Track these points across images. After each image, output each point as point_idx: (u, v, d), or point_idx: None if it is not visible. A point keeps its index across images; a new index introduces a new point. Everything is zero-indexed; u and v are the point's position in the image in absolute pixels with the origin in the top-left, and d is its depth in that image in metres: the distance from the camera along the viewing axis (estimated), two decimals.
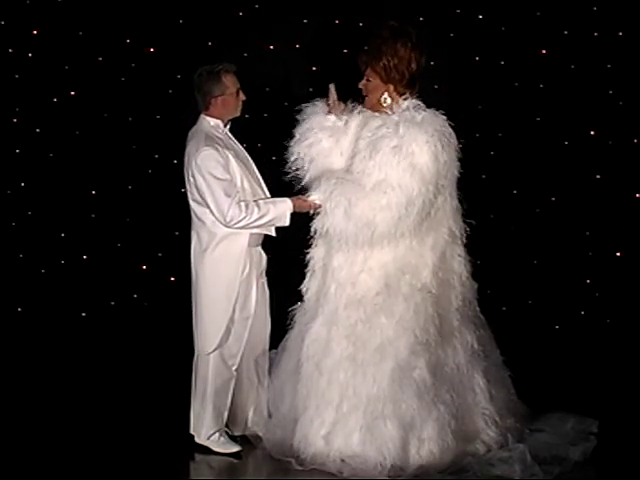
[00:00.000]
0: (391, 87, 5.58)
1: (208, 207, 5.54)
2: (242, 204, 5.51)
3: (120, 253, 7.97)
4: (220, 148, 5.56)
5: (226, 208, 5.48)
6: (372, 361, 5.49)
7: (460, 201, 5.68)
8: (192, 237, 5.73)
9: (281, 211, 5.57)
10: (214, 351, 5.65)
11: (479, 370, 5.71)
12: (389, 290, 5.51)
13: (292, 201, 5.59)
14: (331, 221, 5.51)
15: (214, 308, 5.65)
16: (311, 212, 5.63)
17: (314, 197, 5.57)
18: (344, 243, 5.53)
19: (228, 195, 5.49)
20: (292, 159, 5.78)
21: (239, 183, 5.57)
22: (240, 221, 5.50)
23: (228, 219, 5.49)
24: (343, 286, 5.57)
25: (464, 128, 5.71)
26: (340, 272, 5.58)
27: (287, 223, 5.60)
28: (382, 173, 5.44)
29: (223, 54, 6.65)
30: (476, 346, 5.72)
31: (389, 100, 5.58)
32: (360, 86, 5.64)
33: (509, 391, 5.91)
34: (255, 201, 5.56)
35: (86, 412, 6.34)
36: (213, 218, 5.55)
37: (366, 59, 5.58)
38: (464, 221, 5.72)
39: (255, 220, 5.52)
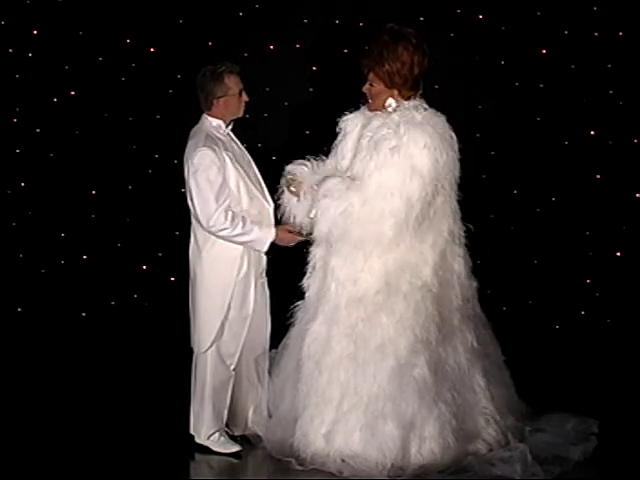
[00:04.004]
0: (395, 91, 5.56)
1: (193, 207, 5.54)
2: (229, 214, 5.52)
3: (120, 253, 7.97)
4: (218, 150, 5.56)
5: (212, 211, 5.48)
6: (372, 360, 5.49)
7: (458, 201, 5.68)
8: (190, 237, 5.74)
9: (263, 236, 5.58)
10: (208, 350, 5.66)
11: (479, 369, 5.71)
12: (389, 288, 5.51)
13: (277, 230, 5.61)
14: (333, 227, 5.51)
15: (208, 307, 5.65)
16: (291, 244, 5.67)
17: (314, 212, 5.58)
18: (347, 247, 5.53)
19: (217, 199, 5.49)
20: None
21: (233, 187, 5.57)
22: (221, 230, 5.51)
23: (211, 223, 5.50)
24: (344, 285, 5.57)
25: (464, 128, 5.71)
26: (341, 271, 5.58)
27: (264, 250, 5.63)
28: (382, 175, 5.43)
29: (223, 54, 6.63)
30: (476, 345, 5.72)
31: (394, 104, 5.56)
32: (364, 90, 5.61)
33: (509, 390, 5.92)
34: (243, 216, 5.56)
35: (86, 412, 6.34)
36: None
37: (368, 64, 5.55)
38: (463, 222, 5.73)
39: (235, 235, 5.53)
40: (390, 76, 5.51)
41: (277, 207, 5.73)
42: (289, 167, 5.77)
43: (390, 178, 5.42)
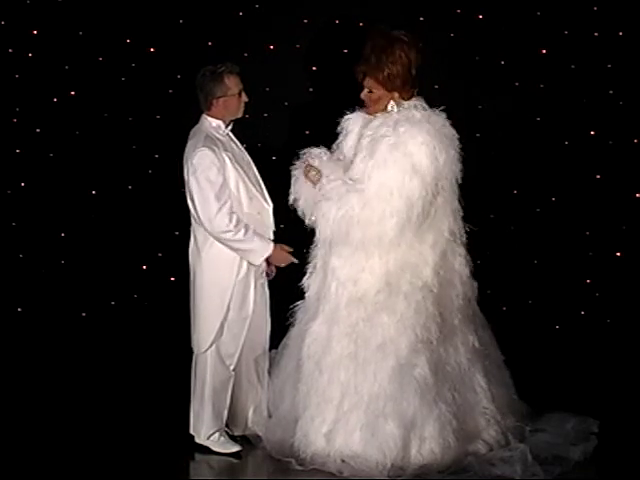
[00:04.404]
0: (395, 94, 5.56)
1: (194, 208, 5.54)
2: (234, 217, 5.52)
3: (120, 253, 7.96)
4: (217, 150, 5.55)
5: (214, 212, 5.48)
6: (373, 359, 5.49)
7: (458, 201, 5.68)
8: (190, 237, 5.74)
9: (261, 249, 5.59)
10: (207, 350, 5.66)
11: (480, 369, 5.72)
12: (390, 288, 5.52)
13: (274, 248, 5.61)
14: (334, 230, 5.51)
15: (208, 308, 5.66)
16: (282, 265, 5.69)
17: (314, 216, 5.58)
18: (349, 249, 5.54)
19: (218, 199, 5.49)
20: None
21: (233, 187, 5.57)
22: (224, 232, 5.50)
23: (214, 224, 5.49)
24: (344, 284, 5.57)
25: (464, 128, 5.70)
26: (342, 271, 5.58)
27: (257, 263, 5.62)
28: (381, 175, 5.43)
29: (223, 54, 6.63)
30: (477, 345, 5.73)
31: (396, 107, 5.56)
32: (362, 97, 5.60)
33: (509, 390, 5.93)
34: (246, 224, 5.56)
35: (86, 412, 6.34)
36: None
37: (366, 70, 5.52)
38: (463, 221, 5.73)
39: (237, 240, 5.53)
40: (391, 80, 5.50)
41: (277, 203, 5.73)
42: (307, 153, 5.72)
43: (390, 177, 5.42)
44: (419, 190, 5.41)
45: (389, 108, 5.56)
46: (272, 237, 5.73)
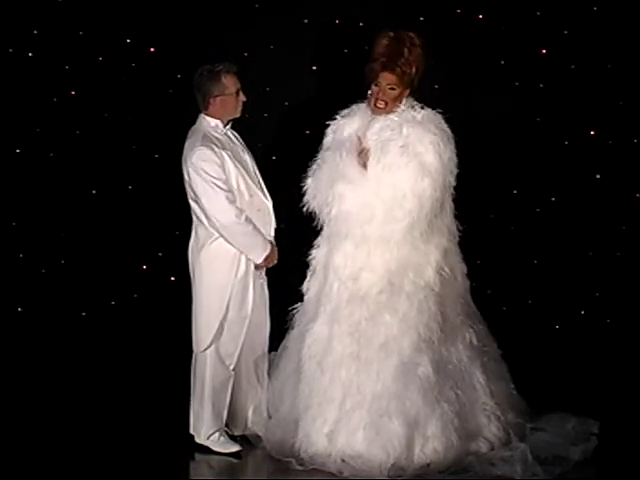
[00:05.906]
0: (408, 91, 5.60)
1: (199, 205, 5.54)
2: (244, 213, 5.52)
3: (120, 253, 7.96)
4: (216, 148, 5.56)
5: (225, 203, 5.48)
6: (376, 358, 5.51)
7: (453, 200, 5.70)
8: (191, 236, 5.74)
9: (263, 246, 5.60)
10: (207, 349, 5.66)
11: (479, 366, 5.74)
12: (392, 288, 5.53)
13: (270, 248, 5.63)
14: (334, 225, 5.56)
15: (207, 307, 5.66)
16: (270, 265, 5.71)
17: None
18: (351, 244, 5.57)
19: (224, 193, 5.49)
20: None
21: (234, 184, 5.57)
22: (236, 223, 5.50)
23: (226, 216, 5.49)
24: (345, 283, 5.59)
25: (464, 128, 5.70)
26: (344, 270, 5.60)
27: (258, 261, 5.63)
28: (392, 177, 5.46)
29: (223, 54, 6.63)
30: (475, 342, 5.75)
31: (407, 104, 5.61)
32: (381, 96, 5.57)
33: (508, 385, 5.94)
34: (251, 220, 5.57)
35: (86, 412, 6.34)
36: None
37: (396, 66, 5.49)
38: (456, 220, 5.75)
39: (246, 233, 5.54)
40: (415, 77, 5.55)
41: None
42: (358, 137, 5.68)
43: (402, 179, 5.47)
44: (430, 190, 5.46)
45: (402, 105, 5.59)
46: (273, 234, 5.73)
